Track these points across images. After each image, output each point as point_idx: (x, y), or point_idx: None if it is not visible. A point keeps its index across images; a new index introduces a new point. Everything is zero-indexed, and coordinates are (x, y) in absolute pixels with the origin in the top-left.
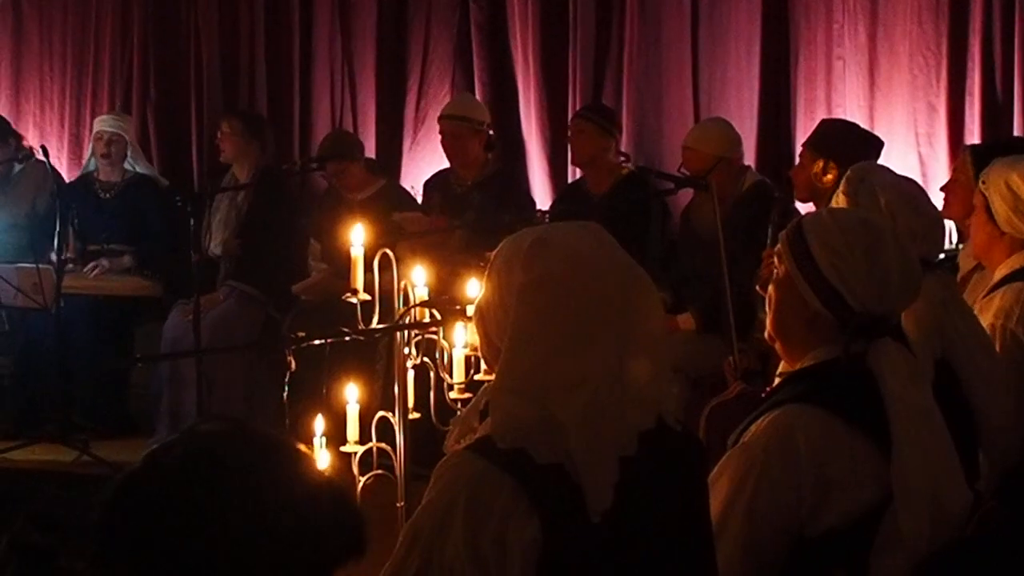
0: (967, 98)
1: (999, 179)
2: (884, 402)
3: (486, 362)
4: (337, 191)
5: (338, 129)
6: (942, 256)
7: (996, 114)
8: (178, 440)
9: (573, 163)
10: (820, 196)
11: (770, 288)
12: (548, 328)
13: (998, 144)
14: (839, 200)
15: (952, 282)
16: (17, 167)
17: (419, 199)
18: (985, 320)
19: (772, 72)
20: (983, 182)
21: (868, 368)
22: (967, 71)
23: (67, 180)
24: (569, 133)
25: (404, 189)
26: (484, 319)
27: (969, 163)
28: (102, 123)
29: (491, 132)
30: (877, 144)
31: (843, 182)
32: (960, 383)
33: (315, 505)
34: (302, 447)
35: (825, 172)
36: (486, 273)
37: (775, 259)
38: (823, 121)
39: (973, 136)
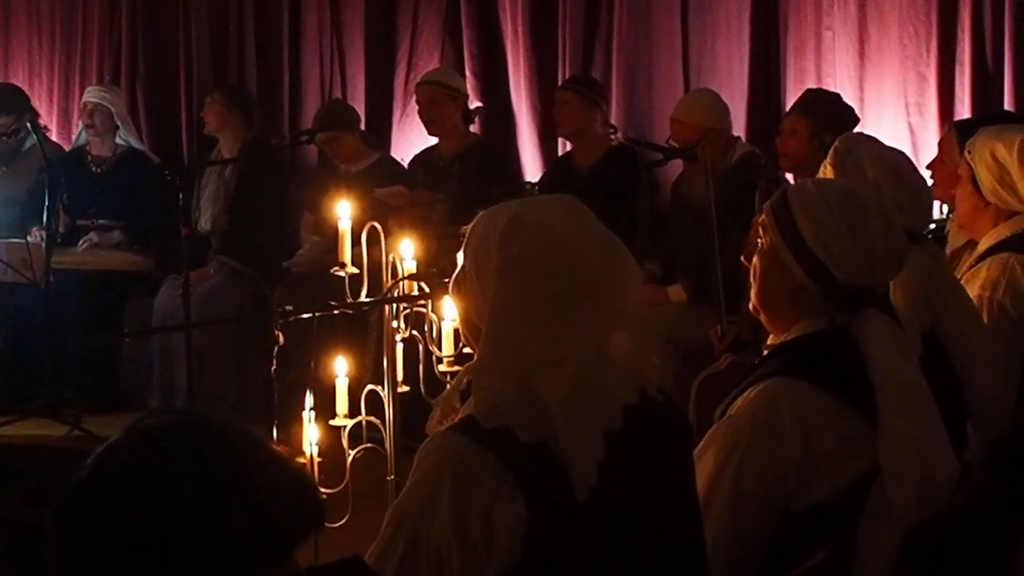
0: (957, 68)
1: (984, 149)
2: (870, 373)
3: (466, 340)
4: (331, 163)
5: (335, 99)
6: (931, 227)
7: (986, 84)
8: (123, 439)
9: (559, 135)
10: (808, 165)
11: (755, 259)
12: (527, 306)
13: (982, 119)
14: (826, 171)
15: (939, 254)
16: (28, 142)
17: None
18: (972, 292)
19: (762, 43)
20: (968, 152)
21: (854, 339)
22: (957, 41)
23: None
24: (554, 105)
25: (398, 163)
26: (462, 298)
27: (954, 140)
28: (87, 94)
29: (468, 104)
30: (855, 115)
31: (831, 153)
32: (948, 354)
33: (268, 486)
34: (252, 431)
35: (819, 139)
36: (462, 250)
37: (759, 229)
38: (810, 90)
39: (963, 106)
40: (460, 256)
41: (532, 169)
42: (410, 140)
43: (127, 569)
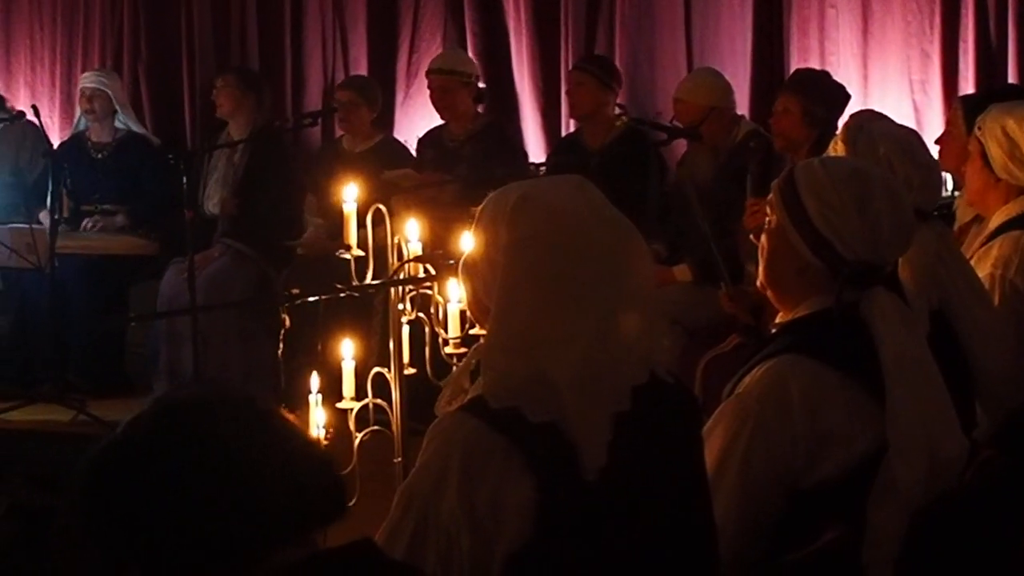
0: (961, 44)
1: (995, 125)
2: (877, 351)
3: (475, 320)
4: (335, 144)
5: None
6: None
7: (990, 60)
8: (151, 409)
9: (571, 116)
10: (803, 144)
11: (762, 237)
12: (537, 285)
13: (989, 94)
14: (837, 148)
15: (948, 232)
16: None
17: (414, 154)
18: (983, 270)
19: (765, 21)
20: (979, 128)
21: (861, 317)
22: (960, 17)
23: (60, 139)
24: (566, 86)
25: (401, 144)
26: (471, 278)
27: (960, 115)
28: (84, 80)
29: (480, 85)
30: (847, 95)
31: (842, 129)
32: (956, 333)
33: (293, 466)
34: (281, 409)
35: (812, 117)
36: (472, 231)
37: (767, 208)
38: (799, 70)
39: (967, 82)
40: (469, 236)
41: (535, 149)
42: (413, 122)
43: (143, 532)
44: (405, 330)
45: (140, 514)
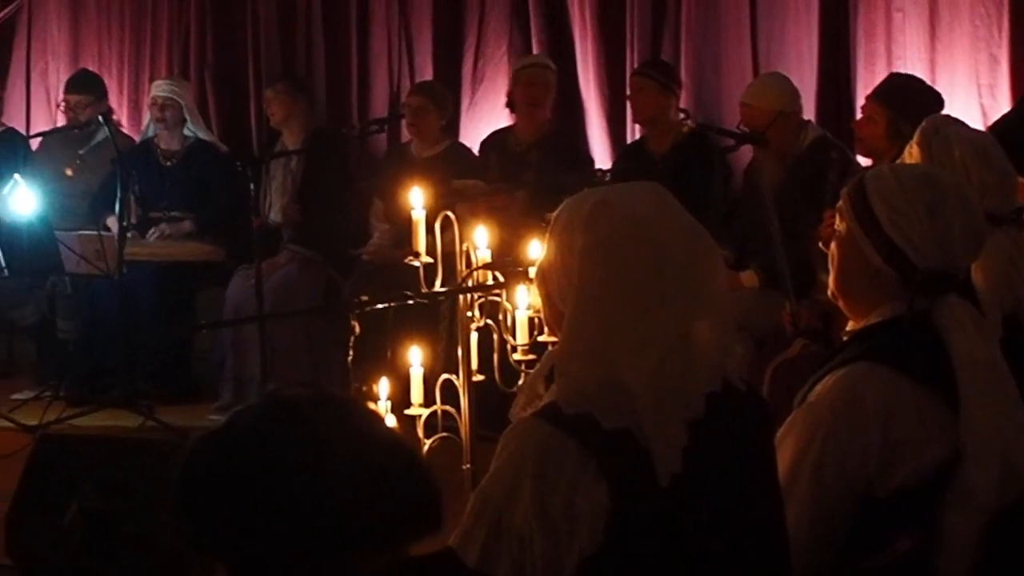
0: None
1: None
2: (950, 358)
3: (548, 326)
4: (401, 150)
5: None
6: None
7: None
8: (258, 403)
9: (634, 121)
10: (884, 154)
11: (832, 245)
12: (612, 291)
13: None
14: (913, 151)
15: (1021, 237)
16: (100, 135)
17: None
18: None
19: (831, 25)
20: None
21: (934, 325)
22: None
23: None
24: (628, 91)
25: (468, 149)
26: (546, 283)
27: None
28: (156, 88)
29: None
30: (940, 101)
31: (918, 133)
32: None
33: (392, 472)
34: (389, 426)
35: (896, 128)
36: (547, 236)
37: (837, 216)
38: (893, 75)
39: None
40: (544, 242)
41: (602, 156)
42: (479, 128)
43: (233, 521)
44: (473, 337)
45: (233, 503)
